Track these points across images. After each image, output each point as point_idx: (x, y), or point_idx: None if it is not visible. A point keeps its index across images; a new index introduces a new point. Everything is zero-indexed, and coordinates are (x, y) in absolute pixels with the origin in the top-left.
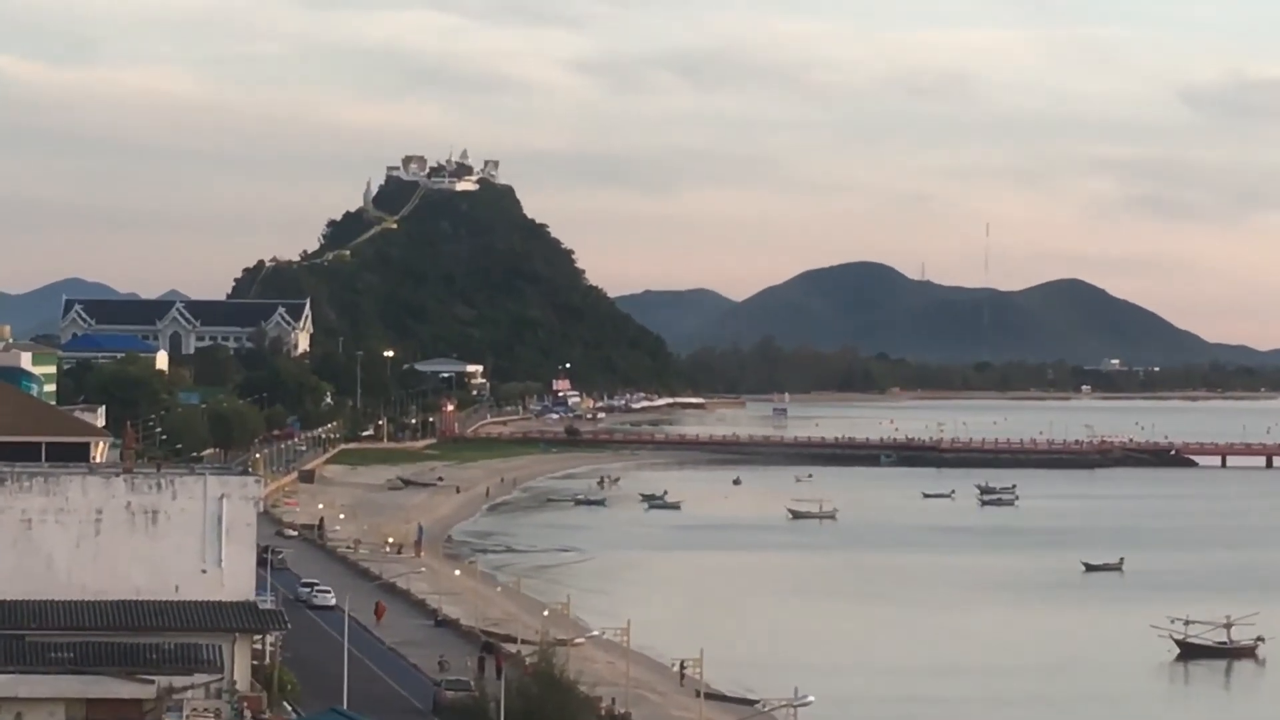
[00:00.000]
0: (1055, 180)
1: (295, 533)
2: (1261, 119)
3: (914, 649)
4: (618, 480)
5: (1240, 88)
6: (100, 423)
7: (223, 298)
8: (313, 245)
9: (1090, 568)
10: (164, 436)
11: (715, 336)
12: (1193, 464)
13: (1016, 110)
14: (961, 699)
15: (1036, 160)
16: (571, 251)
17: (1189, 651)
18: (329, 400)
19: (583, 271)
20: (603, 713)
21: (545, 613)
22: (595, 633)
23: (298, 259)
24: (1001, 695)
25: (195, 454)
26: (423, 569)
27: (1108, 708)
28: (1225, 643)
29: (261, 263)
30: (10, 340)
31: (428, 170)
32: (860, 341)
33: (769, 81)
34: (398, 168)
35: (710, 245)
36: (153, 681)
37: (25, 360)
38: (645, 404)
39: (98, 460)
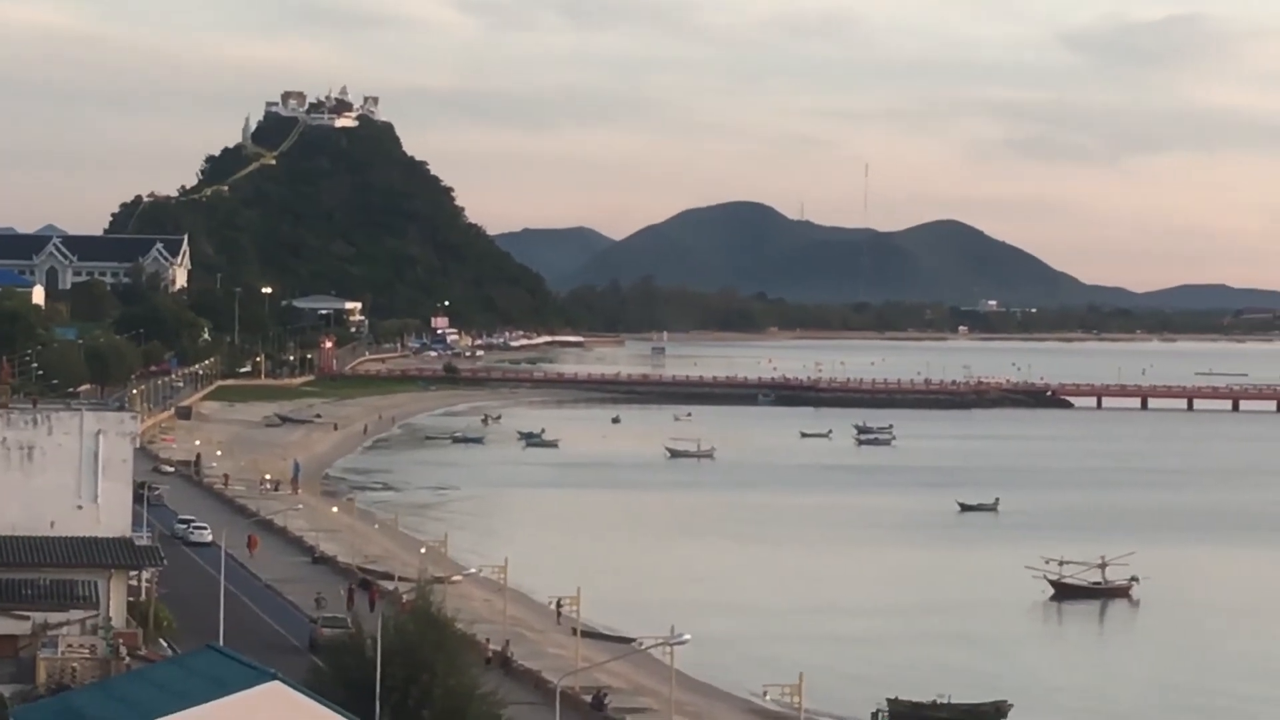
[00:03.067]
0: (936, 122)
1: (172, 469)
2: (1142, 63)
3: (790, 588)
4: (499, 418)
5: (1121, 31)
6: None
7: (100, 233)
8: (191, 181)
9: (966, 507)
10: (40, 372)
11: (594, 275)
12: (1068, 405)
13: (899, 52)
14: (837, 637)
15: (917, 102)
16: (451, 189)
17: (1063, 591)
18: (206, 336)
19: (462, 209)
20: (490, 654)
21: (423, 550)
22: (473, 570)
23: (176, 194)
24: (877, 634)
25: (71, 390)
26: (300, 506)
27: (982, 647)
28: (1100, 583)
29: (139, 198)
30: None
31: (307, 106)
32: (739, 281)
33: (651, 21)
34: (277, 104)
35: (590, 184)
36: (28, 618)
37: None
38: (524, 342)
39: None
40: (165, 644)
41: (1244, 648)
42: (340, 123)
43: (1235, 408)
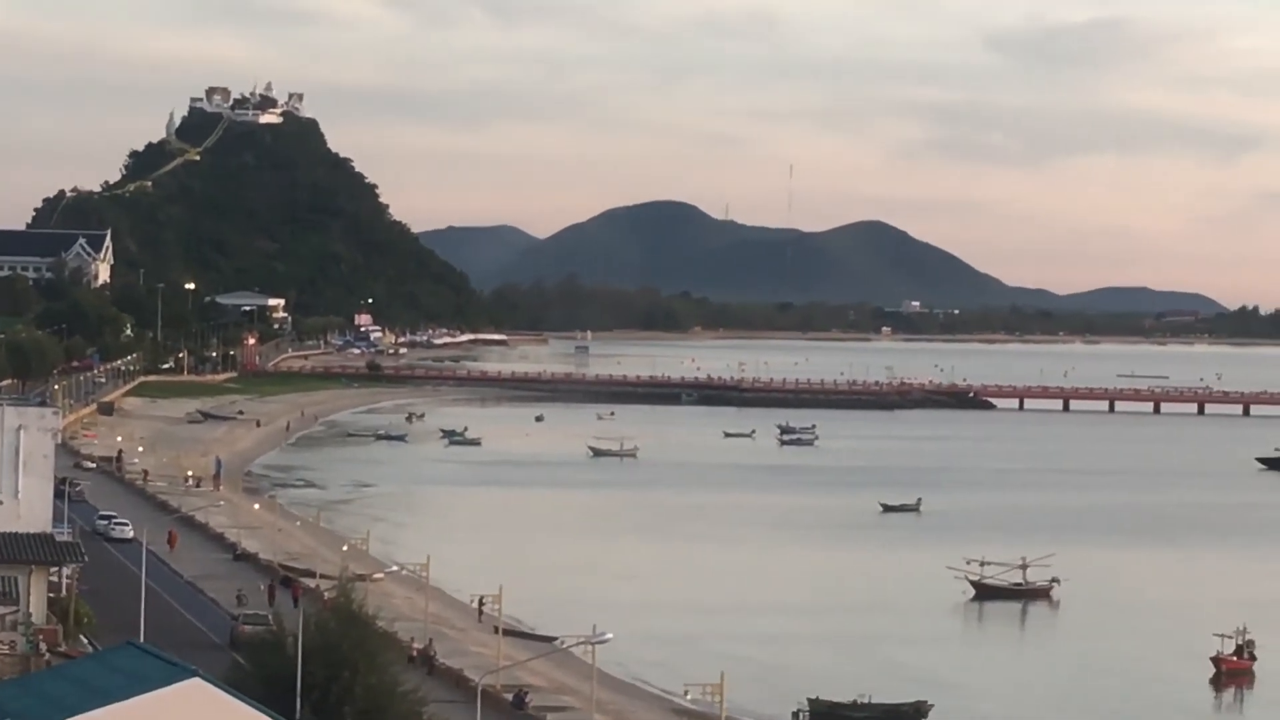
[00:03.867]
0: (860, 122)
1: (94, 465)
2: (1064, 65)
3: (712, 587)
4: (423, 416)
5: (1044, 33)
6: None
7: (22, 227)
8: (114, 176)
9: (888, 508)
10: None
11: (518, 273)
12: (990, 406)
13: (822, 52)
14: (758, 637)
15: (841, 102)
16: (375, 186)
17: (984, 592)
18: (129, 332)
19: (386, 206)
20: (414, 653)
21: (344, 548)
22: (394, 568)
23: (99, 189)
24: (799, 633)
25: None
26: (222, 502)
27: (903, 647)
28: (1020, 584)
29: (62, 193)
30: None
31: (231, 102)
32: (663, 280)
33: (577, 19)
34: (201, 99)
35: (514, 182)
36: None
37: None
38: (447, 340)
39: None
40: (85, 640)
41: (1162, 648)
42: (265, 119)
43: (1156, 410)
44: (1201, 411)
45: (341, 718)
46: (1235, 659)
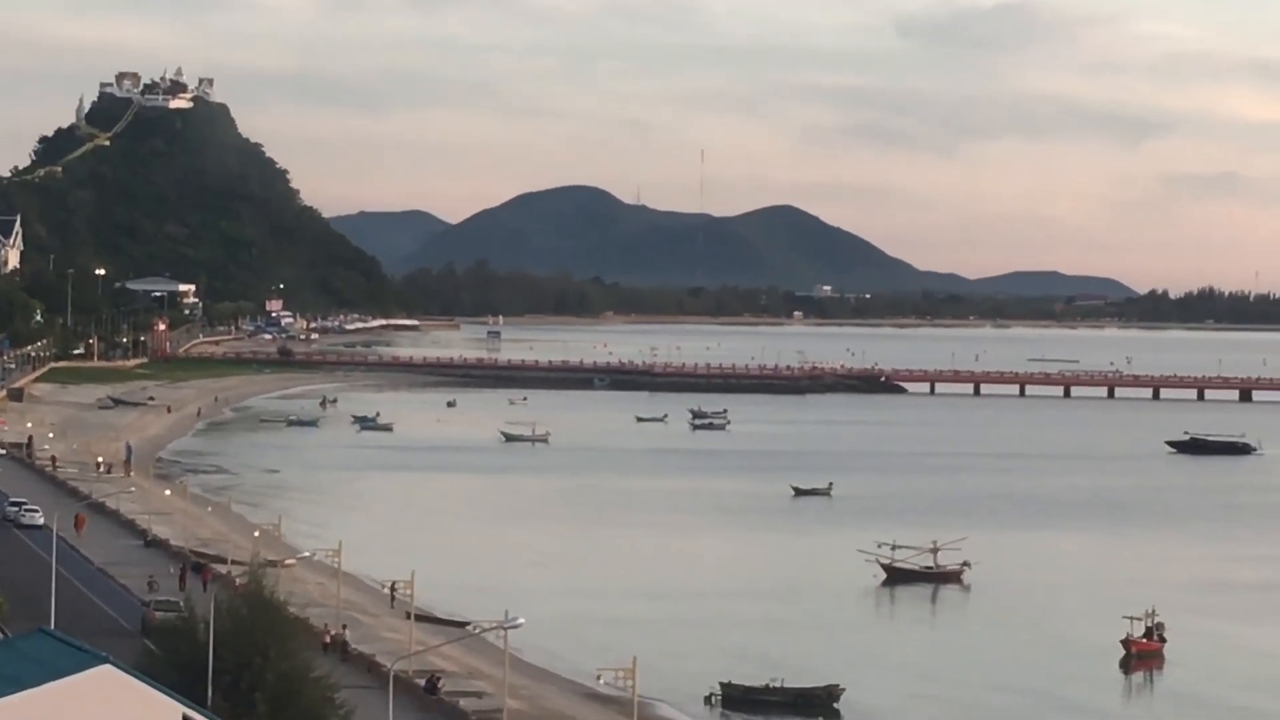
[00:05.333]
0: (771, 108)
1: (3, 451)
2: (974, 49)
3: (625, 572)
4: (335, 401)
5: (954, 18)
6: None
7: None
8: (24, 161)
9: (800, 492)
10: None
11: (430, 258)
12: (902, 390)
13: (733, 37)
14: (671, 621)
15: (753, 87)
16: (286, 172)
17: (896, 576)
18: (39, 318)
19: (297, 192)
20: (327, 639)
21: (256, 533)
22: (306, 554)
23: (9, 175)
24: (711, 618)
25: None
26: (132, 488)
27: (815, 631)
28: (931, 567)
29: None
30: None
31: (141, 87)
32: (575, 265)
33: (489, 4)
34: (111, 84)
35: (426, 167)
36: None
37: None
38: (359, 325)
39: None
40: None
41: (1072, 630)
42: (175, 104)
43: (1067, 394)
44: (1112, 395)
45: (253, 704)
46: (1145, 641)
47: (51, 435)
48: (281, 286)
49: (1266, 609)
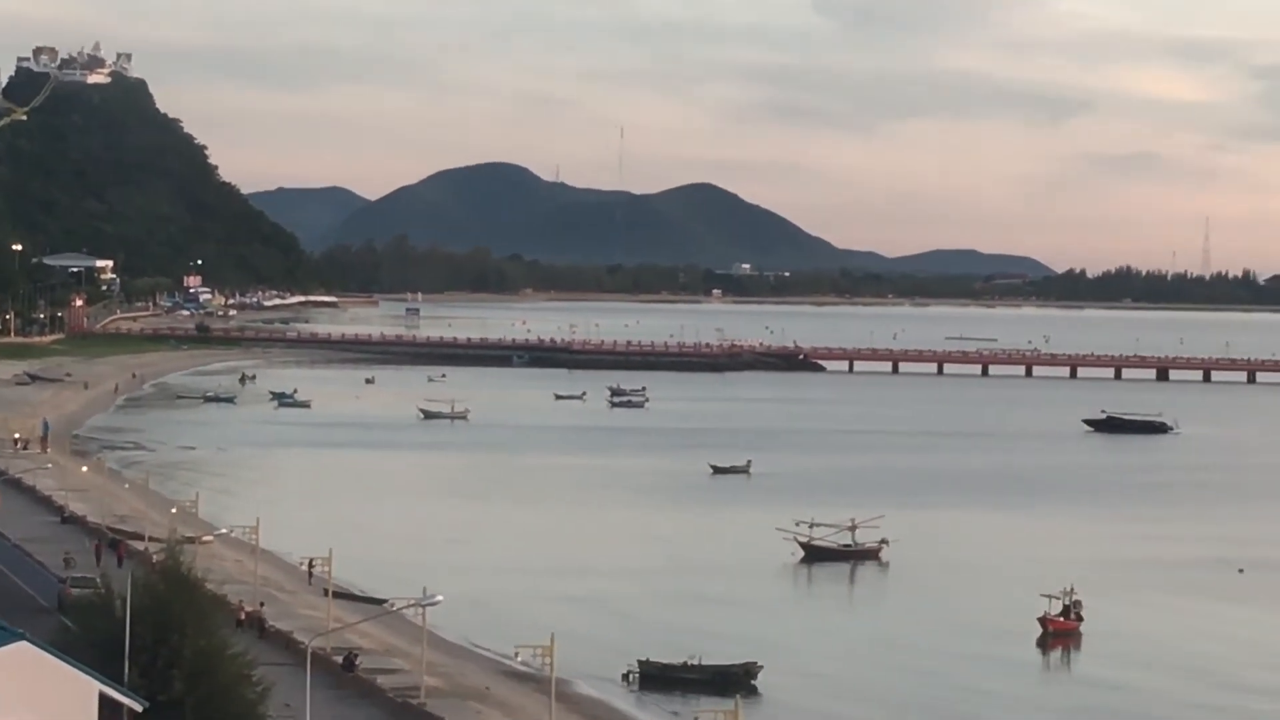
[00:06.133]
0: (691, 85)
1: None
2: (893, 27)
3: (543, 549)
4: (254, 377)
5: None
6: None
7: None
8: None
9: (718, 470)
10: None
11: (348, 235)
12: (820, 368)
13: (652, 14)
14: (589, 599)
15: (672, 65)
16: (205, 147)
17: (814, 554)
18: None
19: (216, 167)
20: (242, 615)
21: (173, 510)
22: (224, 531)
23: None
24: (629, 595)
25: None
26: (49, 465)
27: (733, 609)
28: (849, 545)
29: None
30: None
31: (59, 62)
32: (494, 242)
33: None
34: (28, 59)
35: (345, 143)
36: None
37: None
38: (277, 301)
39: None
40: None
41: (990, 609)
42: (93, 79)
43: (985, 372)
44: (1029, 374)
45: (170, 681)
46: (1062, 619)
47: None
48: (199, 263)
49: (1182, 587)
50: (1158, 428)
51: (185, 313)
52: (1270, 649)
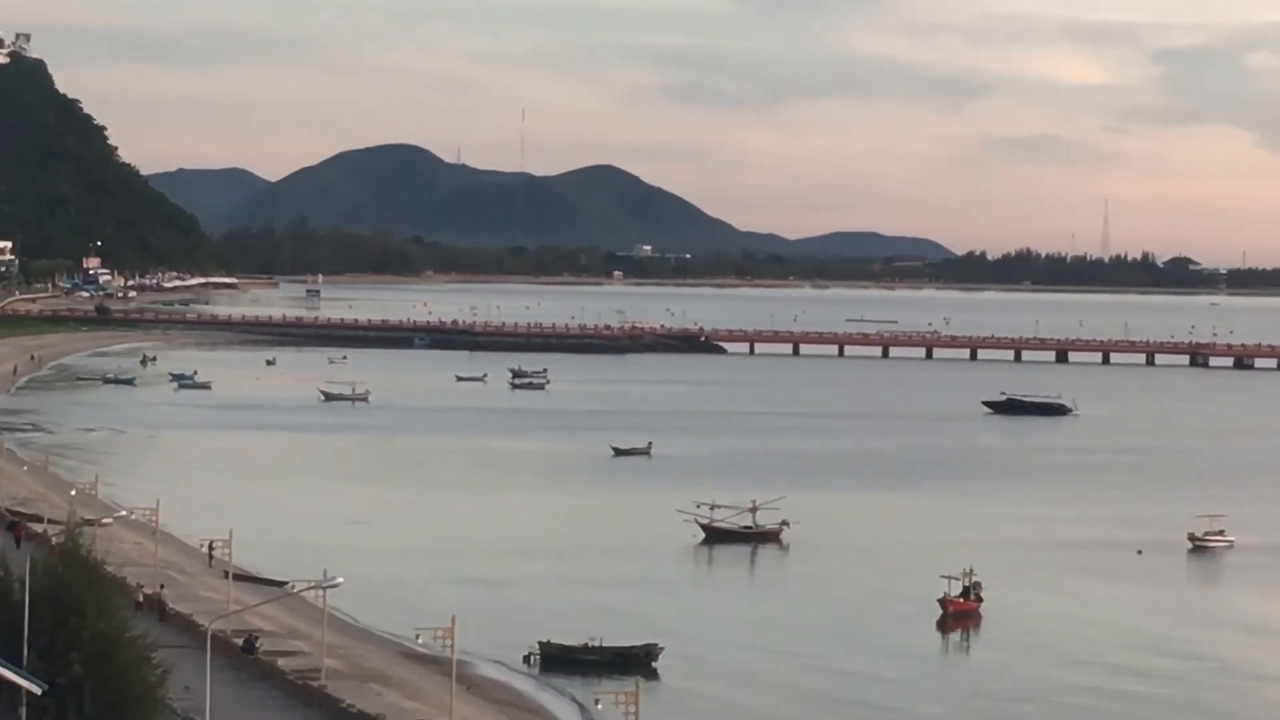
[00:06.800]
0: (593, 67)
1: None
2: (795, 10)
3: (444, 531)
4: (155, 359)
5: None
6: None
7: None
8: None
9: (619, 452)
10: None
11: (249, 216)
12: (721, 350)
13: None
14: (490, 581)
15: (575, 47)
16: (104, 128)
17: (715, 535)
18: None
19: (115, 149)
20: (141, 598)
21: (72, 492)
22: (123, 513)
23: None
24: (530, 577)
25: None
26: None
27: (634, 590)
28: (750, 527)
29: None
30: None
31: None
32: (395, 224)
33: None
34: None
35: (245, 124)
36: None
37: None
38: (177, 283)
39: None
40: None
41: (890, 590)
42: None
43: (885, 354)
44: (929, 356)
45: (69, 663)
46: (962, 600)
47: None
48: (99, 244)
49: (1082, 568)
50: (1057, 409)
51: (85, 294)
52: (1168, 631)
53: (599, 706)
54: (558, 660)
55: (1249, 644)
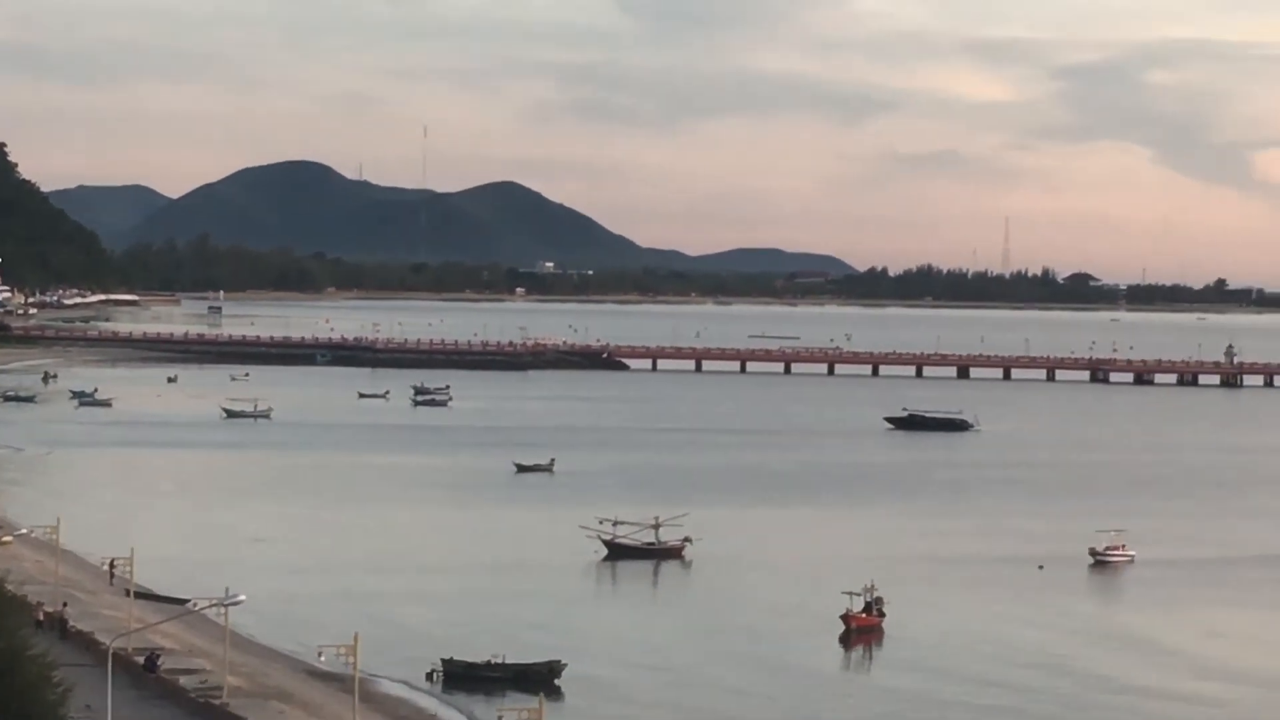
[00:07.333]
0: (494, 83)
1: None
2: (695, 26)
3: (347, 548)
4: (55, 376)
5: None
6: None
7: None
8: None
9: (522, 468)
10: None
11: (151, 233)
12: (624, 367)
13: (455, 12)
14: (393, 597)
15: (475, 62)
16: (3, 144)
17: (617, 552)
18: None
19: (15, 165)
20: (42, 616)
21: None
22: (23, 531)
23: None
24: (434, 594)
25: None
26: None
27: (537, 607)
28: (653, 543)
29: None
30: None
31: None
32: (297, 241)
33: None
34: None
35: (147, 140)
36: None
37: None
38: (78, 300)
39: None
40: None
41: (793, 606)
42: None
43: (788, 370)
44: (832, 372)
45: None
46: (864, 616)
47: None
48: None
49: (984, 583)
50: (959, 425)
51: None
52: (1067, 646)
53: None
54: (461, 677)
55: (1143, 662)
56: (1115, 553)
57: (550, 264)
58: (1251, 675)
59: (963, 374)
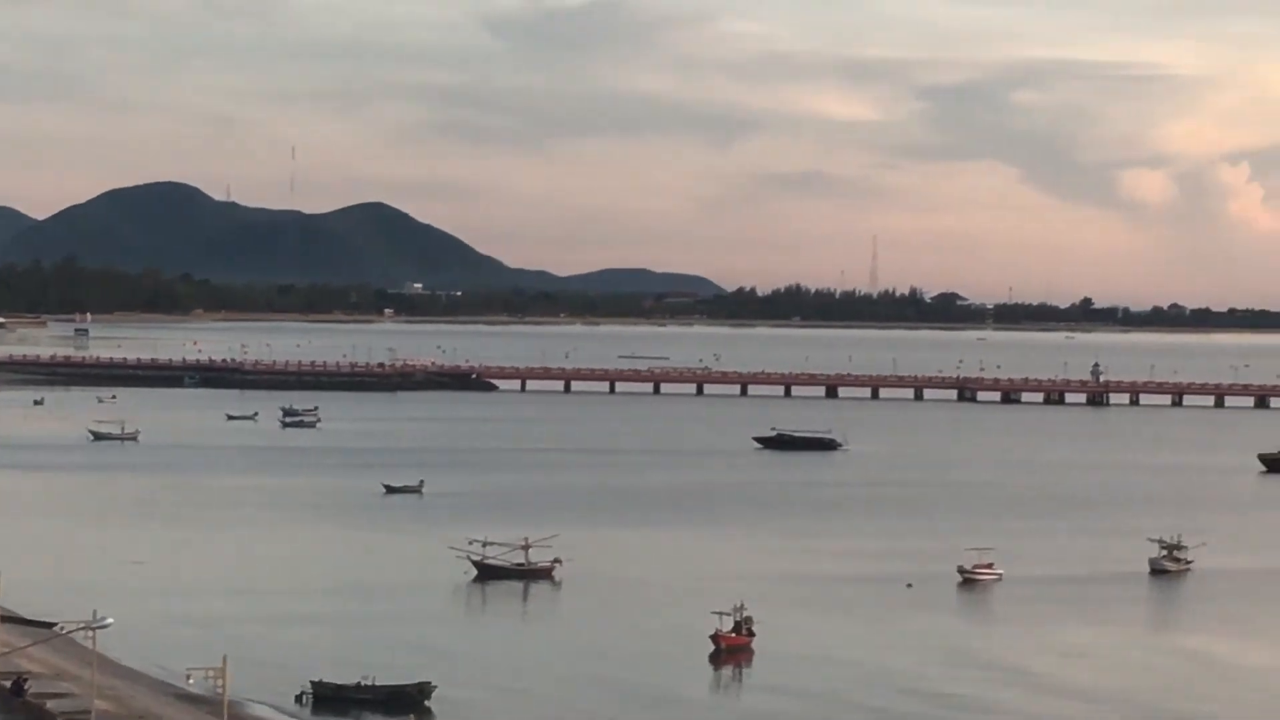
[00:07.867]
0: (362, 104)
1: None
2: (562, 47)
3: (216, 570)
4: None
5: (542, 16)
6: None
7: None
8: None
9: (391, 489)
10: None
11: (16, 254)
12: (493, 387)
13: (324, 33)
14: (263, 619)
15: (343, 84)
16: None
17: (487, 573)
18: None
19: None
20: None
21: None
22: None
23: None
24: (303, 616)
25: None
26: None
27: (406, 628)
28: (523, 564)
29: None
30: None
31: None
32: (164, 262)
33: None
34: None
35: (12, 161)
36: None
37: None
38: None
39: None
40: None
41: (663, 626)
42: None
43: (657, 390)
44: (700, 391)
45: None
46: (734, 635)
47: None
48: None
49: (852, 602)
50: (827, 444)
51: None
52: (933, 666)
53: None
54: (330, 699)
55: (1006, 681)
56: (983, 571)
57: (419, 285)
58: (1110, 695)
59: (831, 393)
